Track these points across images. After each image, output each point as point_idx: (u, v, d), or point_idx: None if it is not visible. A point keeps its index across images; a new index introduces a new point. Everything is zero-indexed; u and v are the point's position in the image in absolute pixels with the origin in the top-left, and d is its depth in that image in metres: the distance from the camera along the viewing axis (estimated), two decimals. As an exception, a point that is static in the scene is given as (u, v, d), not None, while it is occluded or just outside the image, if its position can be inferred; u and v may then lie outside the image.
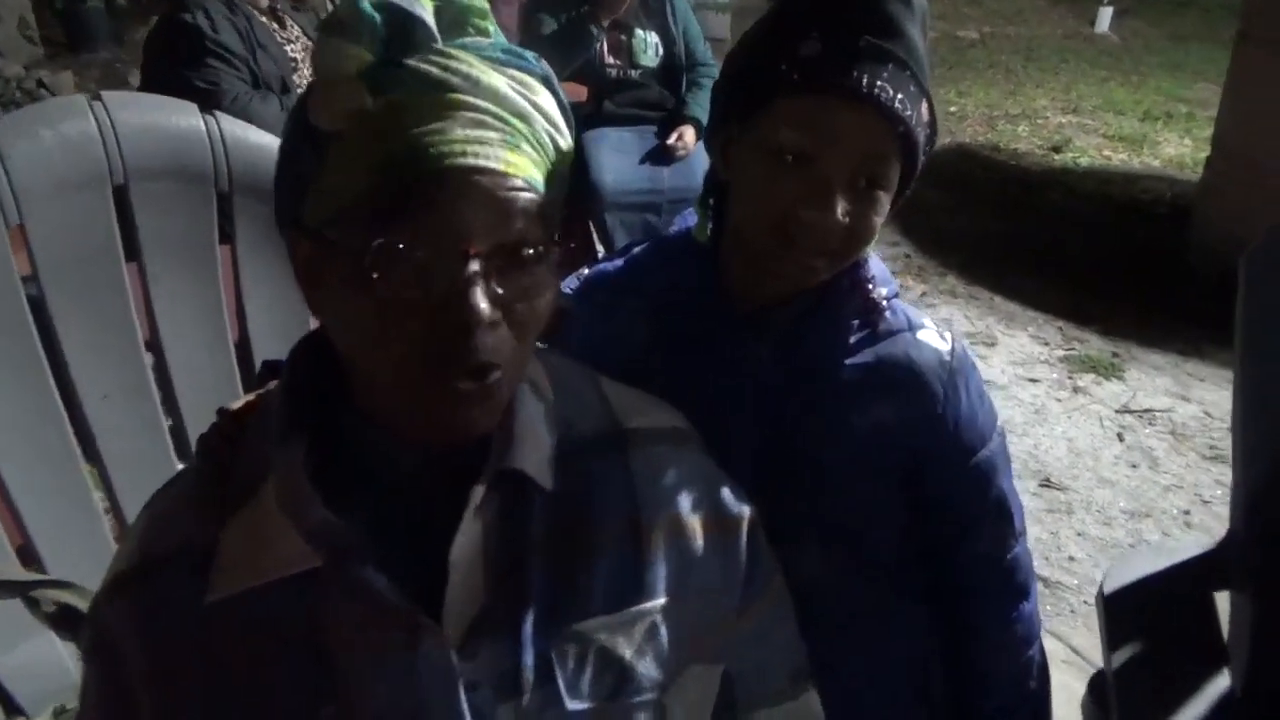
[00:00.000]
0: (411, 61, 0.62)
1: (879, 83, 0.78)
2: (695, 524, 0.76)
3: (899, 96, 0.79)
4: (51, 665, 1.04)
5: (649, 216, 3.16)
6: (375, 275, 0.59)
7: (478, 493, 0.67)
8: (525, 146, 0.64)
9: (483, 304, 0.60)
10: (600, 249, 3.34)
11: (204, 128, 1.11)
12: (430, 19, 0.63)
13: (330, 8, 2.83)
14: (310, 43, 2.85)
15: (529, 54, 0.67)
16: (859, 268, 0.92)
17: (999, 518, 0.97)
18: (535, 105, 0.66)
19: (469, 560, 0.67)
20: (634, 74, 3.28)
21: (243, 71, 2.51)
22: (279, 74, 2.64)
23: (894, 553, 0.98)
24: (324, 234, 0.62)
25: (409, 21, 0.61)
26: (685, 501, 0.76)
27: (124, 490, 1.15)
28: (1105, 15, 10.08)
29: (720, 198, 0.92)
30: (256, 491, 0.66)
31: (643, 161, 3.23)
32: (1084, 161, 5.96)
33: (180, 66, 2.45)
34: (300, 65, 2.76)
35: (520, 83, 0.65)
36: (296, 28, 2.85)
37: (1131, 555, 2.16)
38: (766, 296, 0.91)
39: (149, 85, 2.61)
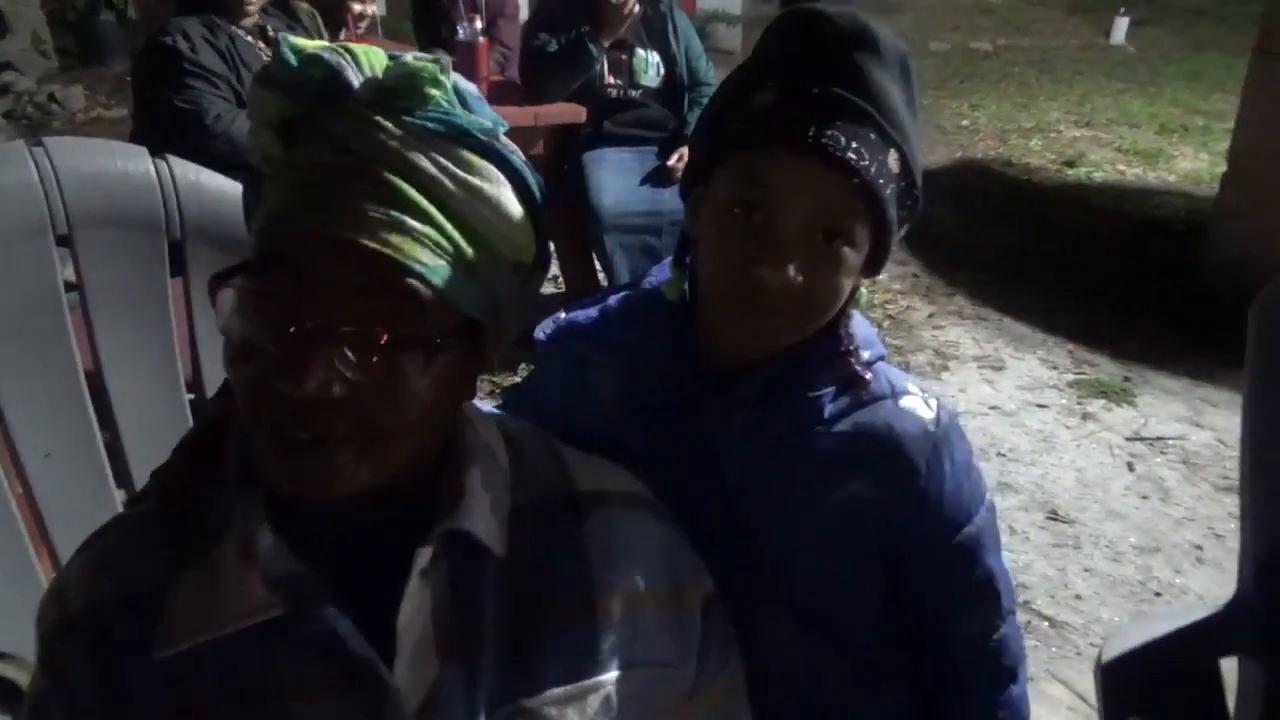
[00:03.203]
0: (325, 120, 0.61)
1: (829, 132, 0.73)
2: (649, 594, 0.73)
3: (853, 145, 0.74)
4: (-15, 740, 0.99)
5: (649, 239, 3.11)
6: (228, 319, 0.60)
7: (423, 554, 0.64)
8: (421, 228, 0.60)
9: (308, 381, 0.57)
10: (600, 272, 3.29)
11: (154, 172, 1.07)
12: (355, 78, 0.62)
13: (320, 24, 2.85)
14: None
15: (489, 131, 0.64)
16: (838, 328, 0.86)
17: (985, 598, 0.91)
18: (468, 186, 0.62)
19: (420, 628, 0.64)
20: (635, 94, 3.25)
21: (224, 90, 2.54)
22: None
23: (873, 634, 0.92)
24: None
25: (332, 77, 0.61)
26: (639, 570, 0.73)
27: (67, 553, 1.10)
28: (1121, 26, 9.96)
29: (695, 254, 0.87)
30: (219, 537, 0.63)
31: (643, 183, 3.19)
32: (1098, 176, 5.86)
33: (162, 87, 2.50)
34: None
35: (458, 162, 0.62)
36: (287, 47, 2.86)
37: (1132, 624, 2.09)
38: (738, 361, 0.85)
39: (139, 106, 2.68)
